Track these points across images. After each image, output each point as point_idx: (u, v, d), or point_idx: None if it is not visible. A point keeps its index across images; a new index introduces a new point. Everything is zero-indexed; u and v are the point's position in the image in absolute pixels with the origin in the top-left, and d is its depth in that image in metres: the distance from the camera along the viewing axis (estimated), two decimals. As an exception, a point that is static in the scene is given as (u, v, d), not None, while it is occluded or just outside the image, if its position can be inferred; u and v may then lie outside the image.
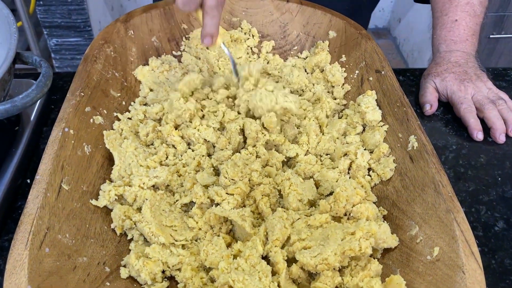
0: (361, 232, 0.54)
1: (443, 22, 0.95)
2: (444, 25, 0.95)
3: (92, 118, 0.70)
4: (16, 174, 0.71)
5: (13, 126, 0.77)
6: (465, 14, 0.93)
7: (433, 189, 0.60)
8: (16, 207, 0.69)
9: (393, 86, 0.75)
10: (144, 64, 0.86)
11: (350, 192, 0.59)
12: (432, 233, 0.56)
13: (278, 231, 0.57)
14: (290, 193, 0.63)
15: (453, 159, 0.82)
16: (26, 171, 0.74)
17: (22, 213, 0.53)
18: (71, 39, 2.26)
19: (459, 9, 0.94)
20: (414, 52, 2.92)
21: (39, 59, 0.66)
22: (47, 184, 0.57)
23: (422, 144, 0.65)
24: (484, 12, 0.96)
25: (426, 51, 2.74)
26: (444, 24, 0.95)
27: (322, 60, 0.87)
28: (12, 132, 0.76)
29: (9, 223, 0.67)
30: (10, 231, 0.66)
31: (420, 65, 2.78)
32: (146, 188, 0.65)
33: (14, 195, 0.70)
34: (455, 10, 0.94)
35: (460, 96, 0.89)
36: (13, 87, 0.83)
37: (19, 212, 0.68)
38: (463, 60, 0.92)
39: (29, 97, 0.61)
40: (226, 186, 0.63)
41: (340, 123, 0.75)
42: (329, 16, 0.90)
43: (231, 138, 0.71)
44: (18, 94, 0.77)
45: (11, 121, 0.77)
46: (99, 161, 0.67)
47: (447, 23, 0.94)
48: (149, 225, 0.60)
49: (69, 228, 0.56)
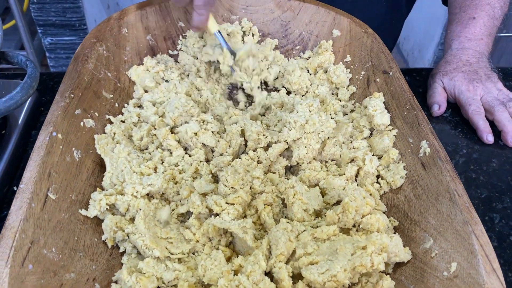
0: (373, 246, 0.50)
1: (460, 18, 0.91)
2: (460, 21, 0.91)
3: (83, 121, 0.66)
4: (2, 182, 0.67)
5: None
6: (484, 14, 0.89)
7: (448, 199, 0.56)
8: (1, 216, 0.65)
9: (402, 88, 0.71)
10: (138, 64, 0.82)
11: (359, 202, 0.55)
12: (448, 247, 0.52)
13: (282, 244, 0.52)
14: (295, 203, 0.59)
15: (464, 164, 0.78)
16: (12, 178, 0.70)
17: (4, 226, 0.49)
18: (66, 38, 2.22)
19: (479, 8, 0.91)
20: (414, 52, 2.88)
21: (25, 58, 0.62)
22: (31, 194, 0.52)
23: (435, 150, 0.61)
24: (502, 18, 0.93)
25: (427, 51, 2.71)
26: (460, 20, 0.91)
27: (325, 60, 0.83)
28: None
29: (-7, 234, 0.62)
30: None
31: (421, 64, 2.74)
32: (140, 197, 0.60)
33: (0, 203, 0.66)
34: (474, 8, 0.91)
35: (468, 96, 0.85)
36: (0, 88, 0.79)
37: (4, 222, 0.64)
38: (475, 59, 0.88)
39: (13, 100, 0.56)
40: (226, 195, 0.59)
41: (346, 126, 0.70)
42: (333, 14, 0.86)
43: (232, 140, 0.67)
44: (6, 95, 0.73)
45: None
46: (89, 168, 0.63)
47: (464, 20, 0.90)
48: (142, 237, 0.56)
49: (56, 242, 0.52)
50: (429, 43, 2.68)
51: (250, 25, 0.88)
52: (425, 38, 2.72)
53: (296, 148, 0.66)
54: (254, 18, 0.89)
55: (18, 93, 0.57)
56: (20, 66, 0.64)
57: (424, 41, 2.74)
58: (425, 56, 2.72)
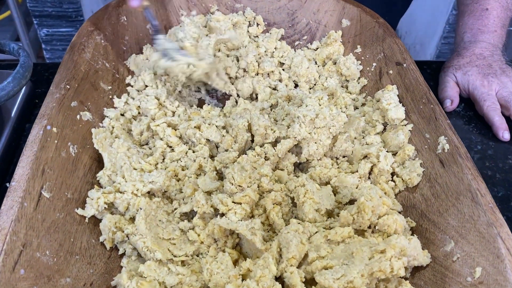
0: (392, 250, 0.46)
1: (472, 10, 0.87)
2: (473, 12, 0.87)
3: (79, 114, 0.62)
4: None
5: None
6: (498, 4, 0.85)
7: (470, 199, 0.52)
8: (-8, 215, 0.61)
9: (417, 81, 0.68)
10: (137, 53, 0.77)
11: (376, 202, 0.51)
12: (471, 250, 0.49)
13: (294, 247, 0.49)
14: (306, 202, 0.55)
15: (479, 161, 0.75)
16: (5, 174, 0.66)
17: (-6, 227, 0.45)
18: (62, 29, 2.17)
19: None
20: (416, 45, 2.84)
21: (17, 46, 0.58)
22: (24, 192, 0.48)
23: (454, 147, 0.57)
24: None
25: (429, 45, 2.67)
26: (473, 12, 0.87)
27: (334, 51, 0.79)
28: None
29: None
30: (-15, 243, 0.57)
31: (423, 58, 2.70)
32: (141, 195, 0.57)
33: (-10, 201, 0.62)
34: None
35: (483, 92, 0.81)
36: (-8, 78, 0.75)
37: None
38: (488, 52, 0.84)
39: (4, 91, 0.52)
40: (232, 193, 0.55)
41: (358, 121, 0.67)
42: (342, 3, 0.82)
43: (238, 136, 0.63)
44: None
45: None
46: (86, 164, 0.59)
47: (477, 11, 0.86)
48: (143, 238, 0.52)
49: (50, 244, 0.48)
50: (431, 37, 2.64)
51: (254, 15, 0.84)
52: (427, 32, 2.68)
53: (306, 144, 0.62)
54: (259, 7, 0.85)
55: (9, 84, 0.53)
56: (12, 55, 0.60)
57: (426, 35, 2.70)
58: (427, 50, 2.68)
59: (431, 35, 2.63)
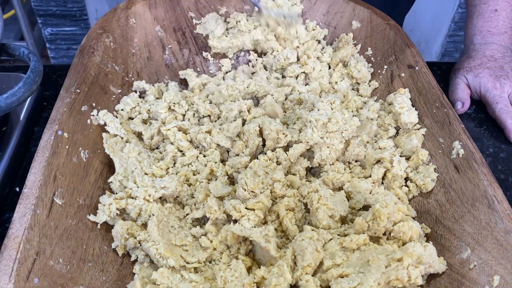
0: (409, 258, 0.46)
1: (481, 11, 0.86)
2: (482, 14, 0.86)
3: (90, 119, 0.61)
4: (3, 182, 0.63)
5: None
6: (506, 4, 0.84)
7: (486, 205, 0.51)
8: (3, 220, 0.61)
9: (430, 84, 0.67)
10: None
11: (391, 208, 0.51)
12: (488, 258, 0.48)
13: (309, 255, 0.48)
14: (319, 208, 0.54)
15: (491, 164, 0.74)
16: (15, 178, 0.66)
17: (6, 235, 0.45)
18: (66, 28, 2.16)
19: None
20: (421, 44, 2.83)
21: (28, 51, 0.57)
22: (36, 199, 0.48)
23: (469, 152, 0.57)
24: None
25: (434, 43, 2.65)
26: (482, 14, 0.86)
27: (347, 55, 0.78)
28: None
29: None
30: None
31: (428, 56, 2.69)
32: (153, 201, 0.56)
33: (1, 206, 0.62)
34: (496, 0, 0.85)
35: (495, 94, 0.80)
36: (0, 81, 0.74)
37: (6, 226, 0.59)
38: (500, 54, 0.83)
39: (15, 96, 0.51)
40: (245, 199, 0.55)
41: (370, 125, 0.66)
42: (352, 5, 0.81)
43: (249, 140, 0.63)
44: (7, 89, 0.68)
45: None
46: (97, 169, 0.59)
47: (486, 13, 0.85)
48: (156, 245, 0.52)
49: (63, 252, 0.48)
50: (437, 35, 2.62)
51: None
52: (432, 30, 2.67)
53: (318, 149, 0.61)
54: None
55: (20, 89, 0.52)
56: (22, 59, 0.59)
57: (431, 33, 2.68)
58: (433, 49, 2.67)
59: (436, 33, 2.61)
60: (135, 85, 0.72)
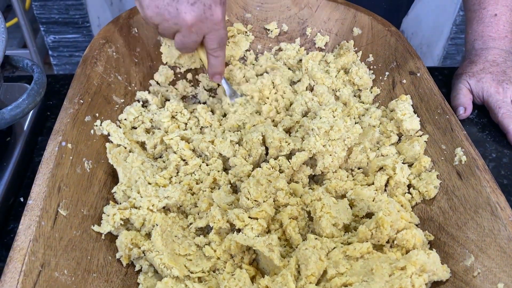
0: (413, 267, 0.46)
1: (481, 16, 0.86)
2: (481, 19, 0.86)
3: (93, 129, 0.62)
4: (7, 192, 0.63)
5: (3, 137, 0.68)
6: (506, 9, 0.84)
7: (490, 212, 0.51)
8: (7, 230, 0.61)
9: (431, 90, 0.67)
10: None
11: (394, 216, 0.51)
12: (492, 266, 0.48)
13: (312, 264, 0.48)
14: (323, 217, 0.54)
15: (494, 170, 0.74)
16: (19, 188, 0.66)
17: (12, 247, 0.45)
18: (69, 36, 2.17)
19: (500, 3, 0.85)
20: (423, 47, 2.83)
21: (31, 63, 0.58)
22: (41, 211, 0.48)
23: (472, 158, 0.57)
24: None
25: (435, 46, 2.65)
26: (482, 19, 0.86)
27: (349, 61, 0.78)
28: (2, 143, 0.68)
29: (0, 249, 0.59)
30: (1, 259, 0.57)
31: (430, 59, 2.69)
32: (156, 211, 0.56)
33: (5, 216, 0.62)
34: (495, 4, 0.85)
35: (498, 99, 0.80)
36: (4, 91, 0.75)
37: (11, 236, 0.60)
38: (502, 59, 0.83)
39: (19, 108, 0.52)
40: (248, 208, 0.55)
41: (372, 132, 0.66)
42: (353, 11, 0.82)
43: (252, 150, 0.63)
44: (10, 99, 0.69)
45: (1, 131, 0.68)
46: (101, 179, 0.59)
47: (486, 18, 0.85)
48: (160, 255, 0.52)
49: (68, 263, 0.48)
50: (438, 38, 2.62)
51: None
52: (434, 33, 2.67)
53: (321, 157, 0.61)
54: (270, 16, 0.84)
55: (24, 101, 0.53)
56: (26, 71, 0.60)
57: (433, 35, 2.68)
58: (434, 51, 2.67)
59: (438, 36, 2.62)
60: (138, 95, 0.73)
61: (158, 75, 0.76)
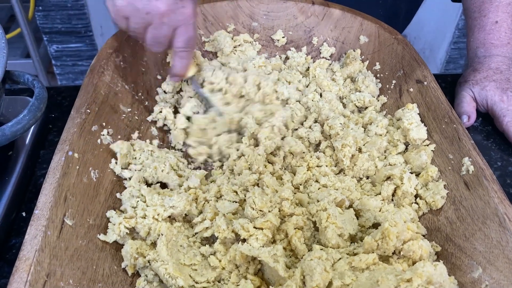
0: (419, 279, 0.45)
1: (482, 24, 0.86)
2: (483, 27, 0.85)
3: (100, 138, 0.62)
4: (9, 207, 0.61)
5: (5, 151, 0.67)
6: (507, 16, 0.84)
7: (498, 223, 0.51)
8: (9, 245, 0.60)
9: (438, 99, 0.67)
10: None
11: (400, 227, 0.50)
12: (500, 278, 0.48)
13: (318, 275, 0.48)
14: (328, 227, 0.54)
15: (499, 178, 0.73)
16: (21, 203, 0.65)
17: (18, 257, 0.45)
18: (72, 45, 2.18)
19: (500, 9, 0.85)
20: (425, 51, 2.82)
21: (32, 78, 0.58)
22: (47, 220, 0.48)
23: (479, 168, 0.56)
24: None
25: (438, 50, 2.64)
26: (483, 26, 0.85)
27: (355, 70, 0.78)
28: (4, 157, 0.66)
29: (2, 265, 0.58)
30: (3, 275, 0.56)
31: (432, 64, 2.67)
32: (161, 220, 0.56)
33: (7, 231, 0.61)
34: (495, 11, 0.85)
35: (502, 107, 0.80)
36: (6, 105, 0.74)
37: (13, 252, 0.59)
38: (505, 66, 0.83)
39: (20, 124, 0.52)
40: (253, 218, 0.55)
41: (380, 140, 0.66)
42: (359, 20, 0.82)
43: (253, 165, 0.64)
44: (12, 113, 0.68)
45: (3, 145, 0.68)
46: (107, 188, 0.59)
47: (487, 25, 0.85)
48: (165, 265, 0.52)
49: (73, 272, 0.48)
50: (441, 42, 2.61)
51: None
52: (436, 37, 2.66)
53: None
54: (276, 25, 0.84)
55: (25, 117, 0.53)
56: (27, 86, 0.60)
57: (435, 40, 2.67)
58: (437, 56, 2.66)
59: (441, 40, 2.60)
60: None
61: (165, 84, 0.76)
